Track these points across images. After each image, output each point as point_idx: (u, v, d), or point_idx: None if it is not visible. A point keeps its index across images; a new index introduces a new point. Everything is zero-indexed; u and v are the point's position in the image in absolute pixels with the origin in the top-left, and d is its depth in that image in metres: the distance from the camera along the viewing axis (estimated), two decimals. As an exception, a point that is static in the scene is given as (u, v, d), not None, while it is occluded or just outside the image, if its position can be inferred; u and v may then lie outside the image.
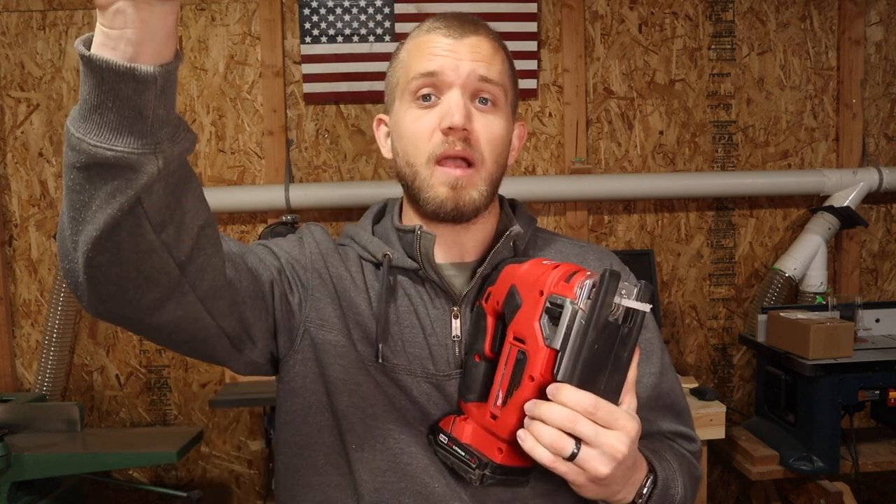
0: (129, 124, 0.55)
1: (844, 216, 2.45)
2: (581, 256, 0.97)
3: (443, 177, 0.86)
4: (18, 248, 2.51)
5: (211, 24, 2.47)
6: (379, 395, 0.86)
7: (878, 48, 2.59)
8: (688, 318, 2.63)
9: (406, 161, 0.89)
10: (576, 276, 0.71)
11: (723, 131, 2.58)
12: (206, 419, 2.56)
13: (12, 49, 2.45)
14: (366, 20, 2.43)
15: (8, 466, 1.87)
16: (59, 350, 2.42)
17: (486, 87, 0.88)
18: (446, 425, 0.84)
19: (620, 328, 0.68)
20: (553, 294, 0.71)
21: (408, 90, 0.89)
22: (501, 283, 0.81)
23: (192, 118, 2.49)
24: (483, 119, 0.88)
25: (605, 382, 0.69)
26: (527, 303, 0.75)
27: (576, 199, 2.52)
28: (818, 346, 2.00)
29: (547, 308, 0.71)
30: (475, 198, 0.87)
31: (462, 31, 0.89)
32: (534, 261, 0.79)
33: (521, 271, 0.78)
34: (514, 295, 0.77)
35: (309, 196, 2.41)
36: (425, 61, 0.88)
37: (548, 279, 0.73)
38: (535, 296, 0.73)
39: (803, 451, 2.07)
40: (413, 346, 0.88)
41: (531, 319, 0.73)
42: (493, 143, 0.88)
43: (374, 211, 1.00)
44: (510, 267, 0.82)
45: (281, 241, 0.95)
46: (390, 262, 0.90)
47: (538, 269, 0.76)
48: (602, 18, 2.53)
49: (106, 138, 0.55)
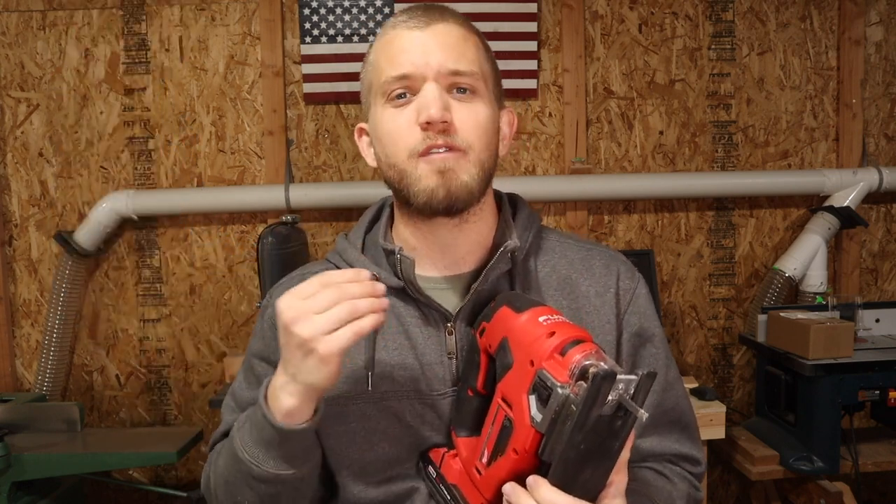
0: (279, 458, 0.79)
1: (844, 216, 2.45)
2: (587, 262, 0.93)
3: (429, 165, 0.82)
4: (18, 248, 2.51)
5: (211, 24, 2.47)
6: (364, 441, 0.87)
7: (878, 48, 2.59)
8: (688, 318, 2.63)
9: (388, 163, 0.86)
10: (572, 350, 0.66)
11: (723, 131, 2.58)
12: (206, 419, 2.56)
13: (12, 49, 2.45)
14: (366, 20, 2.43)
15: (8, 466, 1.87)
16: (59, 350, 2.42)
17: (461, 79, 0.84)
18: (436, 457, 0.82)
19: (612, 421, 0.63)
20: (544, 370, 0.66)
21: (381, 93, 0.85)
22: (496, 325, 0.75)
23: (193, 118, 2.49)
24: (462, 108, 0.83)
25: (592, 473, 0.66)
26: (517, 366, 0.70)
27: (576, 199, 2.52)
28: (818, 346, 2.00)
29: (536, 383, 0.66)
30: (466, 181, 0.83)
31: (427, 19, 0.84)
32: (532, 314, 0.72)
33: (517, 325, 0.72)
34: (506, 350, 0.72)
35: (309, 196, 2.41)
36: (395, 62, 0.84)
37: (541, 349, 0.67)
38: (526, 363, 0.68)
39: (803, 451, 2.07)
40: (403, 368, 0.86)
41: (520, 389, 0.68)
42: (477, 129, 0.84)
43: (367, 219, 0.97)
44: (507, 312, 0.75)
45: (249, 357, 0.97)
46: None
47: (534, 329, 0.70)
48: (602, 18, 2.53)
49: (272, 465, 0.79)
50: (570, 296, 0.91)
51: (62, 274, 2.39)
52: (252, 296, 2.52)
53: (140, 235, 2.51)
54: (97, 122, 2.49)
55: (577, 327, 0.70)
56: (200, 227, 2.51)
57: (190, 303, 2.53)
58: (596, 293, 0.91)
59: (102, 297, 2.53)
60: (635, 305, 0.93)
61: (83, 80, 2.47)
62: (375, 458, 0.87)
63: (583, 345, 0.66)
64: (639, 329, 0.92)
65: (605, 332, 0.90)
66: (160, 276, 2.52)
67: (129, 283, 2.53)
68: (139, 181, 2.50)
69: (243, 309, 2.53)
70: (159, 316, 2.54)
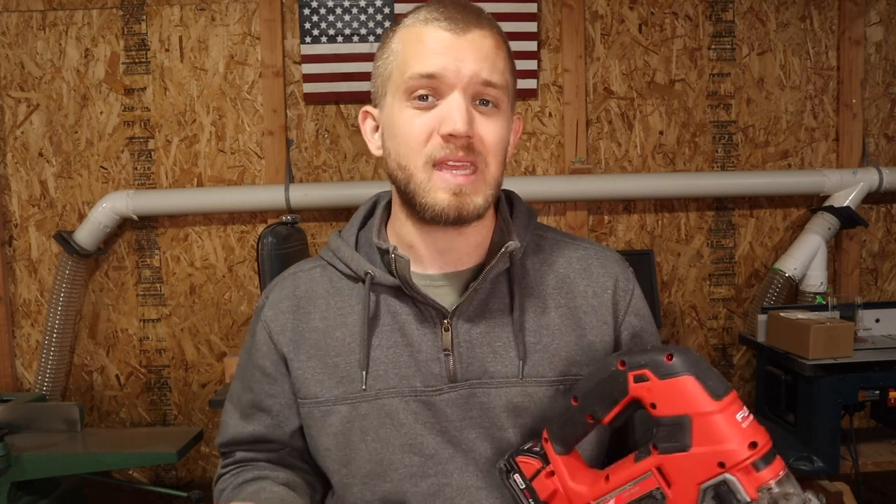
0: None
1: (844, 216, 2.45)
2: (584, 261, 0.93)
3: (443, 182, 0.81)
4: (18, 248, 2.51)
5: (211, 24, 2.47)
6: (359, 441, 0.87)
7: (878, 48, 2.59)
8: (688, 318, 2.63)
9: (399, 163, 0.84)
10: (765, 470, 0.64)
11: (723, 131, 2.58)
12: (206, 419, 2.56)
13: (12, 49, 2.45)
14: (366, 20, 2.43)
15: (8, 466, 1.87)
16: (59, 350, 2.42)
17: (489, 90, 0.82)
18: (529, 469, 0.79)
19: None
20: (735, 479, 0.64)
21: (402, 88, 0.82)
22: (673, 392, 0.68)
23: (193, 118, 2.49)
24: (485, 122, 0.82)
25: None
26: (697, 454, 0.66)
27: (576, 199, 2.52)
28: (818, 346, 2.00)
29: (720, 486, 0.65)
30: (479, 204, 0.83)
31: (465, 23, 0.81)
32: (730, 410, 0.66)
33: (711, 416, 0.66)
34: (685, 430, 0.67)
35: (309, 196, 2.40)
36: (424, 60, 0.80)
37: (738, 457, 0.64)
38: (711, 458, 0.65)
39: (803, 451, 2.07)
40: (398, 365, 0.86)
41: (693, 477, 0.66)
42: (495, 147, 0.83)
43: (360, 216, 0.96)
44: (695, 386, 0.67)
45: (243, 374, 0.98)
46: (373, 280, 0.87)
47: (732, 430, 0.65)
48: (602, 18, 2.53)
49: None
50: (568, 295, 0.91)
51: (62, 274, 2.39)
52: (252, 296, 2.53)
53: (140, 235, 2.51)
54: (97, 122, 2.49)
55: (766, 433, 0.67)
56: (200, 227, 2.51)
57: (190, 303, 2.53)
58: (594, 293, 0.92)
59: (102, 297, 2.53)
60: (634, 307, 0.94)
61: (83, 80, 2.47)
62: (369, 457, 0.87)
63: (774, 464, 0.65)
64: (639, 330, 0.94)
65: (602, 333, 0.90)
66: (160, 276, 2.52)
67: (129, 283, 2.53)
68: (139, 181, 2.50)
69: (243, 309, 2.53)
70: (159, 316, 2.54)
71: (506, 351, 0.87)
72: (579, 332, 0.89)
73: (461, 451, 0.86)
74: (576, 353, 0.88)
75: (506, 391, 0.86)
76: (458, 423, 0.86)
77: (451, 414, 0.85)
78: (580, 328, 0.89)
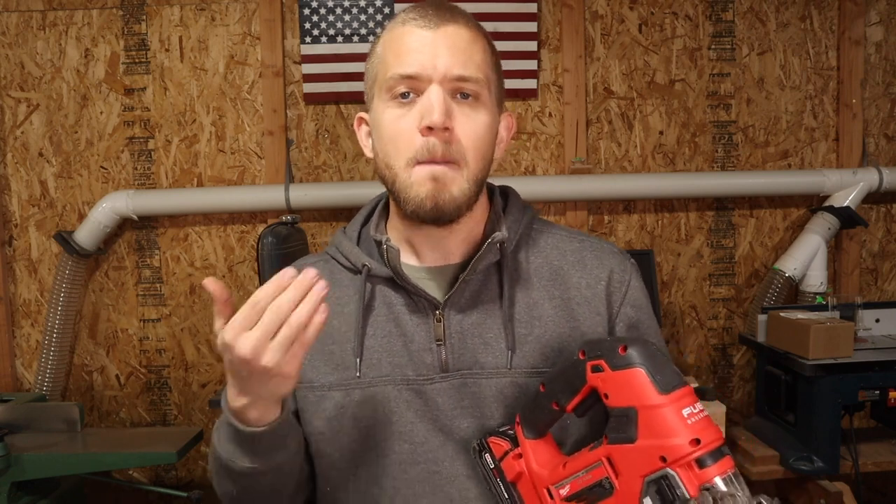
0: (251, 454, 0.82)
1: (844, 216, 2.45)
2: (579, 254, 0.94)
3: (423, 172, 0.83)
4: (18, 248, 2.51)
5: (211, 24, 2.47)
6: (352, 428, 0.88)
7: (878, 48, 2.59)
8: (688, 318, 2.63)
9: (386, 163, 0.87)
10: (711, 467, 0.63)
11: (723, 131, 2.58)
12: (206, 419, 2.56)
13: (12, 49, 2.45)
14: (366, 20, 2.43)
15: (8, 466, 1.87)
16: (59, 350, 2.42)
17: (467, 84, 0.84)
18: (498, 450, 0.82)
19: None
20: (675, 474, 0.63)
21: (384, 88, 0.86)
22: (622, 384, 0.68)
23: (193, 118, 2.49)
24: (464, 115, 0.84)
25: None
26: (642, 448, 0.66)
27: (576, 199, 2.52)
28: (818, 346, 2.00)
29: (661, 479, 0.64)
30: (456, 195, 0.84)
31: (438, 19, 0.85)
32: (676, 405, 0.65)
33: (656, 409, 0.66)
34: (631, 422, 0.67)
35: (309, 196, 2.41)
36: (401, 59, 0.84)
37: (680, 452, 0.63)
38: (654, 451, 0.65)
39: (803, 451, 2.07)
40: (391, 354, 0.88)
41: (637, 470, 0.66)
42: (476, 141, 0.85)
43: (364, 213, 1.00)
44: (643, 379, 0.67)
45: None
46: (369, 272, 0.90)
47: (676, 425, 0.64)
48: (602, 18, 2.53)
49: (248, 461, 0.82)
50: (562, 287, 0.92)
51: (62, 274, 2.40)
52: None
53: (140, 235, 2.51)
54: (97, 122, 2.49)
55: (716, 430, 0.66)
56: (200, 227, 2.51)
57: (190, 303, 2.53)
58: (587, 285, 0.92)
59: (102, 297, 2.53)
60: (630, 297, 0.94)
61: (83, 80, 2.47)
62: (361, 443, 0.88)
63: (721, 462, 0.64)
64: (636, 321, 0.94)
65: (595, 324, 0.91)
66: (160, 276, 2.52)
67: (129, 283, 2.53)
68: (139, 181, 2.50)
69: (243, 309, 2.53)
70: (159, 316, 2.54)
71: (496, 342, 0.88)
72: (573, 323, 0.90)
73: (452, 440, 0.87)
74: (569, 345, 0.89)
75: (496, 381, 0.87)
76: (449, 412, 0.87)
77: (443, 403, 0.87)
78: (574, 319, 0.90)
